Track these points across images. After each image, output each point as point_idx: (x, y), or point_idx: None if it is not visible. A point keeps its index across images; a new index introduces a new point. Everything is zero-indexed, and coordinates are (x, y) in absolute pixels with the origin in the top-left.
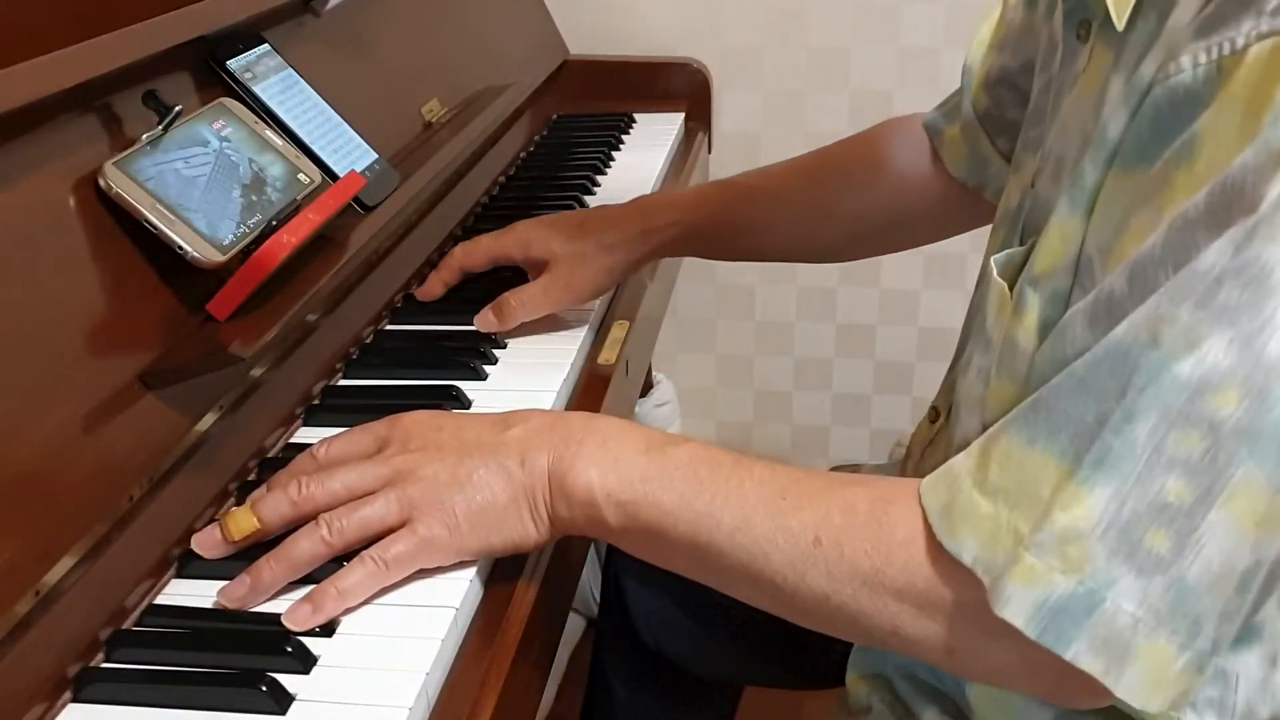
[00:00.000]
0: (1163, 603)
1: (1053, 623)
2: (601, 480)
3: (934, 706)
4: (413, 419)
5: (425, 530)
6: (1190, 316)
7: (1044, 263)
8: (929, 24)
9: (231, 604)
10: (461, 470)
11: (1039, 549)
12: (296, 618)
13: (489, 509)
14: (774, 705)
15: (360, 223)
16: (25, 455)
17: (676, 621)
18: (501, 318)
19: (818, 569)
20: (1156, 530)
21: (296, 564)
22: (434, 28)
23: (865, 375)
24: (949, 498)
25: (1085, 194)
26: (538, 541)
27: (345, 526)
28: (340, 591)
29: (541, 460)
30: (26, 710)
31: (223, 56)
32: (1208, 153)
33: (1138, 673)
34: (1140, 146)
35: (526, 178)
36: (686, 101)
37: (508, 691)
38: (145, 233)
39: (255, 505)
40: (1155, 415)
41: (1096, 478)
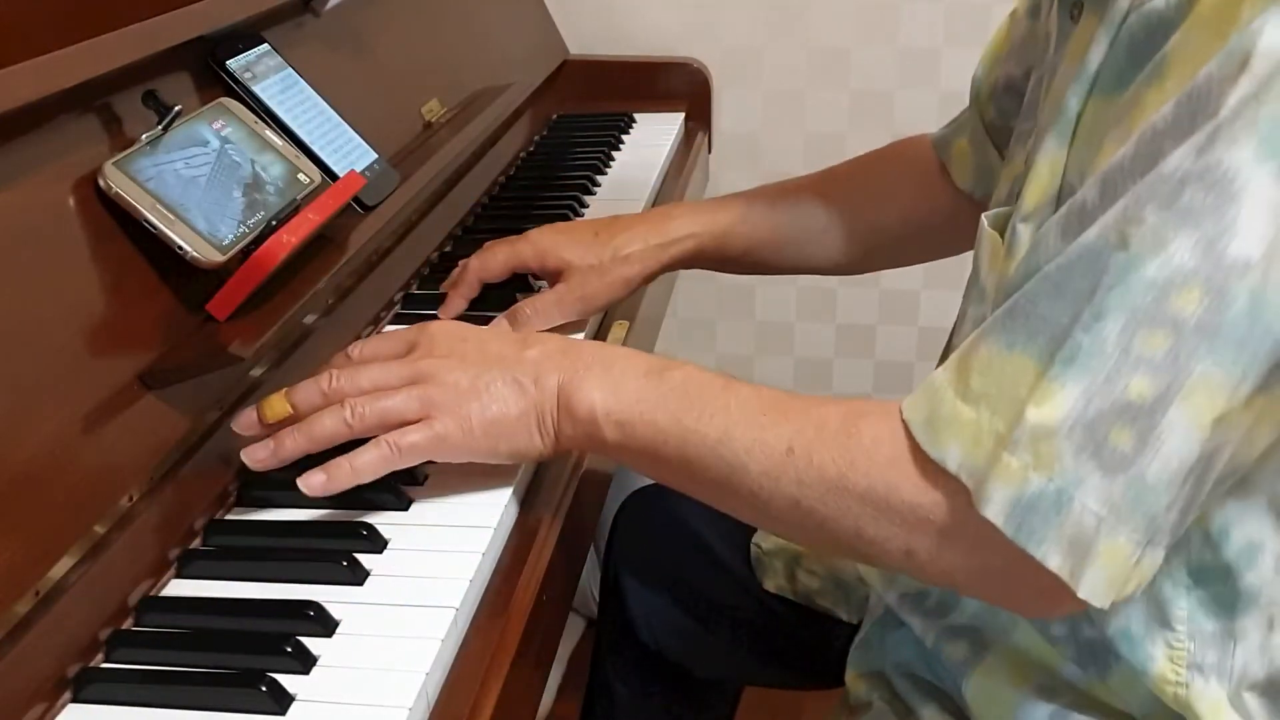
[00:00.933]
0: (1124, 501)
1: (1025, 521)
2: (603, 401)
3: (932, 703)
4: (440, 327)
5: (441, 428)
6: (1156, 218)
7: (1033, 199)
8: (929, 24)
9: (253, 464)
10: (481, 381)
11: (1014, 446)
12: (312, 483)
13: (501, 419)
14: (774, 705)
15: (360, 223)
16: (25, 455)
17: (675, 621)
18: (515, 326)
19: (789, 476)
20: (1121, 428)
21: (316, 438)
22: (434, 28)
23: (865, 375)
24: (931, 408)
25: (1069, 124)
26: (541, 454)
27: (366, 412)
28: (354, 468)
29: (553, 380)
30: (26, 710)
31: (223, 56)
32: (1176, 70)
33: (1098, 572)
34: (1117, 73)
35: (526, 178)
36: (686, 101)
37: (508, 691)
38: (145, 233)
39: (290, 392)
40: (1124, 315)
41: (1066, 375)
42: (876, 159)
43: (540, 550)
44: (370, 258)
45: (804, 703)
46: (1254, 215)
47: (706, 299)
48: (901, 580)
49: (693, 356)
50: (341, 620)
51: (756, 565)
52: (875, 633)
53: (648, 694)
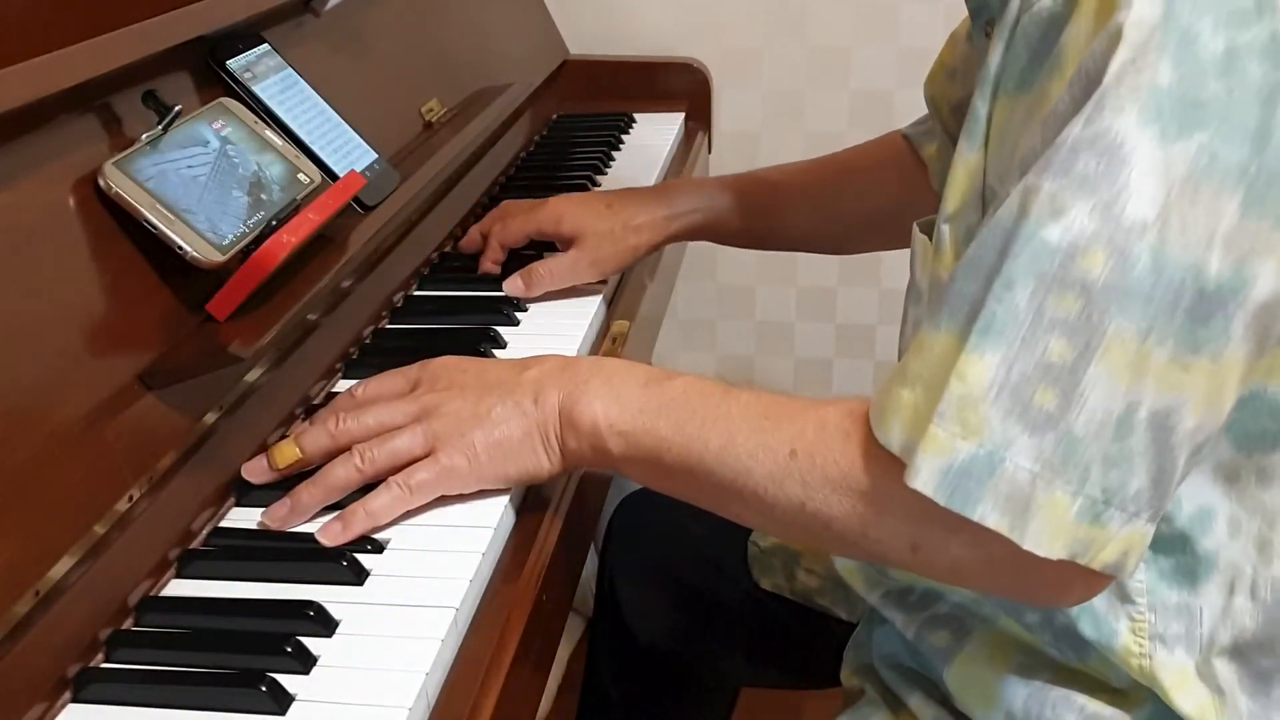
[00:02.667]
0: (1055, 456)
1: (959, 487)
2: (605, 413)
3: (918, 691)
4: (441, 362)
5: (447, 460)
6: (1053, 185)
7: (953, 201)
8: (929, 24)
9: (274, 523)
10: (482, 407)
11: (940, 418)
12: (329, 533)
13: (505, 442)
14: (773, 705)
15: (360, 223)
16: (25, 455)
17: (671, 622)
18: (529, 284)
19: (793, 478)
20: (1044, 389)
21: (332, 488)
22: (434, 28)
23: (865, 375)
24: (881, 397)
25: (979, 126)
26: (550, 471)
27: (376, 456)
28: (369, 512)
29: (553, 397)
30: (26, 710)
31: (223, 56)
32: (1070, 59)
33: (1039, 524)
34: (1019, 73)
35: (526, 178)
36: (686, 101)
37: (508, 691)
38: (145, 233)
39: (298, 438)
40: (1033, 280)
41: (985, 344)
42: (875, 147)
43: (540, 550)
44: (370, 258)
45: (803, 703)
46: (1144, 178)
47: (706, 299)
48: (882, 580)
49: (693, 356)
50: (341, 620)
51: (754, 564)
52: (864, 629)
53: (643, 695)
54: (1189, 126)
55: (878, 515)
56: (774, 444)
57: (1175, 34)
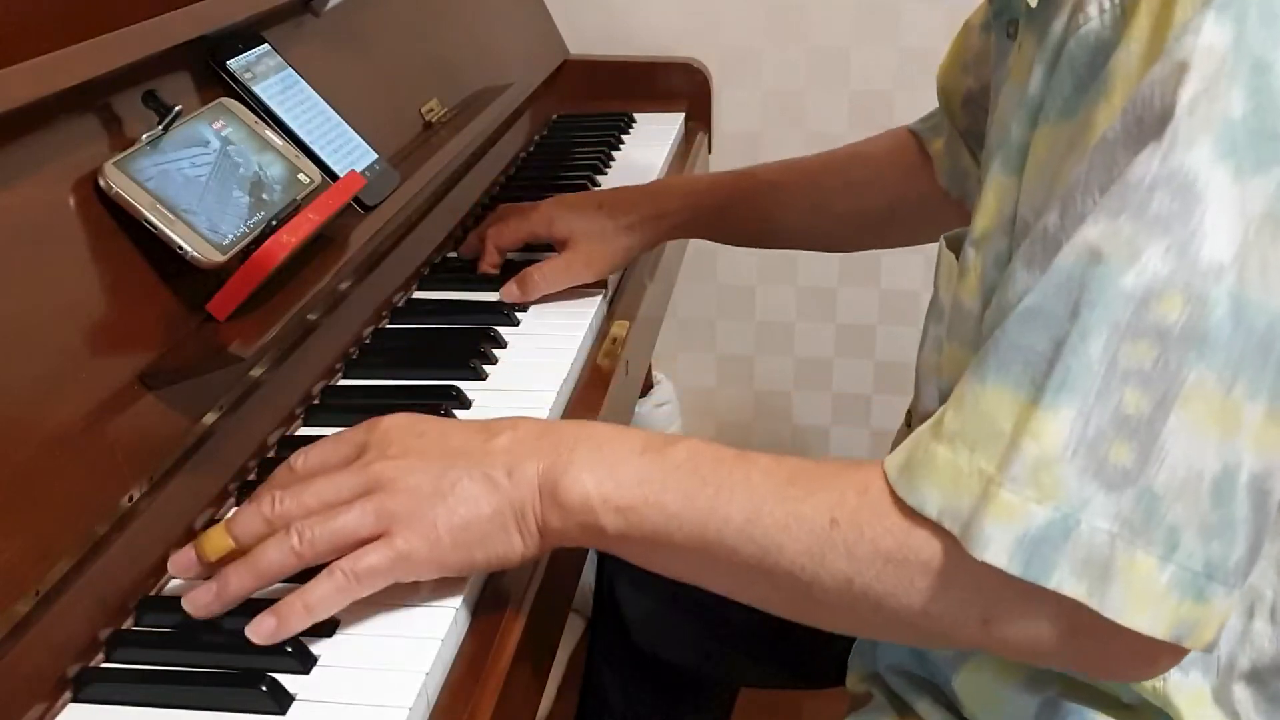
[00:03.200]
0: (1135, 515)
1: (1035, 555)
2: (598, 487)
3: (926, 697)
4: (393, 422)
5: (403, 544)
6: (1129, 228)
7: (983, 223)
8: (929, 24)
9: (196, 611)
10: (444, 481)
11: (1013, 483)
12: (260, 630)
13: (472, 523)
14: (772, 705)
15: (360, 223)
16: (25, 455)
17: (670, 623)
18: (525, 289)
19: (837, 552)
20: (1120, 444)
21: (263, 574)
22: (434, 28)
23: (865, 375)
24: (908, 454)
25: (1014, 152)
26: (524, 556)
27: (316, 537)
28: (307, 606)
29: (530, 470)
30: (26, 710)
31: (223, 56)
32: (1121, 84)
33: (1121, 589)
34: (1063, 100)
35: (526, 178)
36: (686, 101)
37: (508, 691)
38: (145, 233)
39: (229, 524)
40: (1107, 330)
41: (1059, 401)
42: (867, 144)
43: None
44: (370, 258)
45: (802, 702)
46: (1219, 216)
47: (706, 299)
48: None
49: (693, 356)
50: (341, 620)
51: None
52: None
53: (643, 696)
54: (1266, 160)
55: (941, 589)
56: (809, 514)
57: (1247, 62)
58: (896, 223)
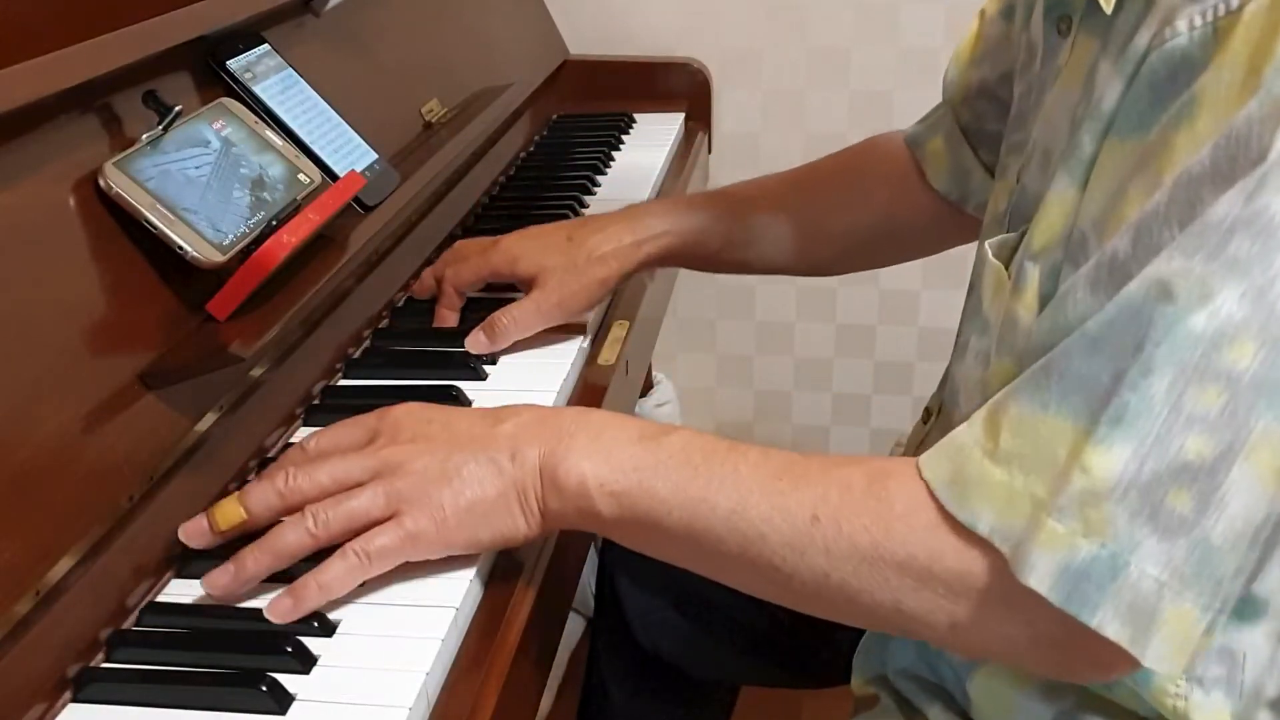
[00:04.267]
0: (1187, 566)
1: (1076, 589)
2: (594, 471)
3: (937, 703)
4: (404, 410)
5: (411, 524)
6: (1203, 269)
7: (1042, 238)
8: (929, 24)
9: (215, 592)
10: (450, 464)
11: (1060, 513)
12: (278, 610)
13: (478, 503)
14: (772, 705)
15: (360, 223)
16: (25, 455)
17: (672, 621)
18: (493, 338)
19: (816, 547)
20: (1178, 491)
21: (280, 554)
22: (434, 28)
23: (865, 375)
24: (956, 468)
25: (1082, 165)
26: (527, 536)
27: (330, 518)
28: (321, 585)
29: (532, 454)
30: (26, 710)
31: (223, 56)
32: (1208, 112)
33: (1164, 639)
34: (1137, 115)
35: (526, 178)
36: (686, 101)
37: (508, 691)
38: (145, 233)
39: (243, 496)
40: (1172, 371)
41: (1114, 436)
42: (854, 156)
43: (540, 550)
44: (370, 258)
45: (802, 702)
46: None
47: (706, 299)
48: None
49: (693, 356)
50: (341, 620)
51: None
52: (876, 638)
53: (644, 695)
54: None
55: (914, 589)
56: (793, 508)
57: None
58: (887, 239)
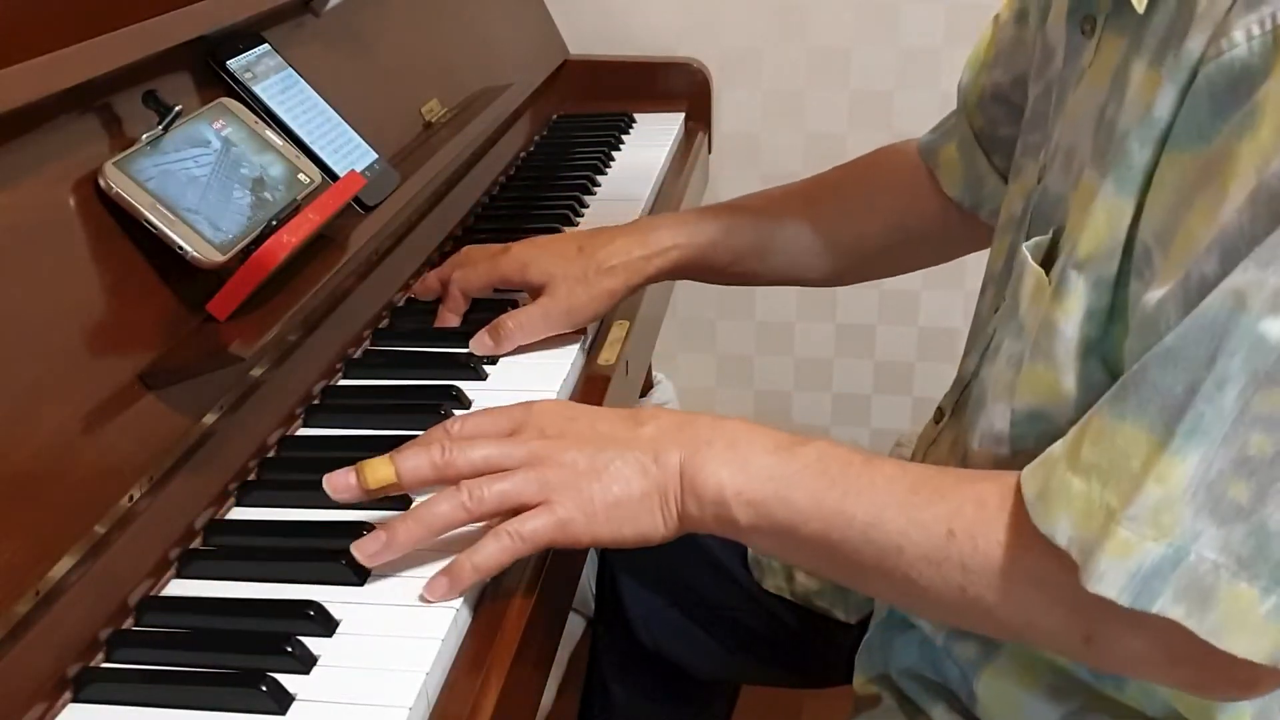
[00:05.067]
0: (1244, 549)
1: (1144, 589)
2: (731, 480)
3: (941, 702)
4: (547, 407)
5: (564, 512)
6: (1277, 279)
7: (1088, 246)
8: (929, 24)
9: (365, 559)
10: (599, 461)
11: (1132, 522)
12: (435, 590)
13: (624, 501)
14: (773, 705)
15: (360, 223)
16: (25, 455)
17: (672, 621)
18: (498, 341)
19: (952, 561)
20: (1238, 482)
21: (433, 525)
22: (434, 28)
23: (865, 375)
24: (1044, 481)
25: (1135, 174)
26: (665, 537)
27: (486, 495)
28: (475, 566)
29: (674, 459)
30: (26, 710)
31: (223, 56)
32: (1271, 121)
33: (1220, 616)
34: (1197, 127)
35: (526, 178)
36: (686, 101)
37: (508, 691)
38: (145, 233)
39: (396, 459)
40: (1244, 378)
41: (1188, 447)
42: (863, 167)
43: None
44: (370, 258)
45: (803, 702)
46: None
47: (706, 299)
48: None
49: (693, 356)
50: (341, 620)
51: (754, 565)
52: (879, 636)
53: (645, 694)
54: None
55: (1047, 606)
56: (928, 522)
57: None
58: (899, 248)
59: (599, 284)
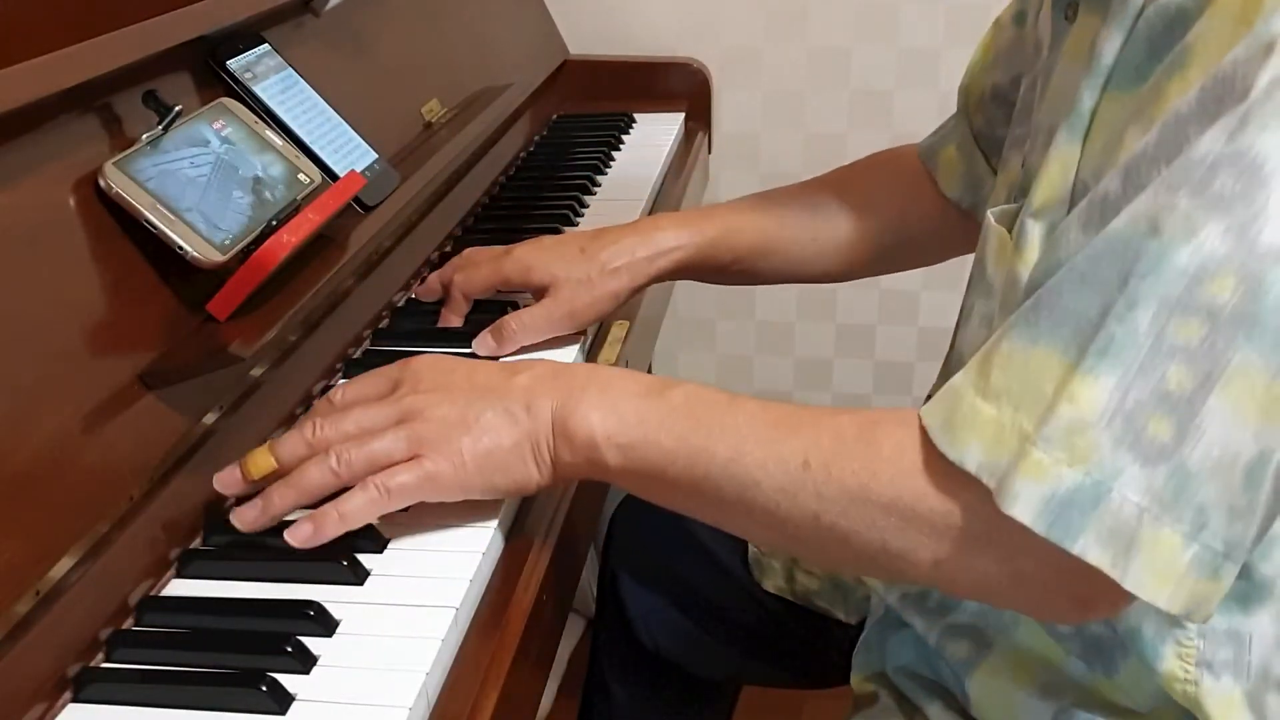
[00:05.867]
0: (1166, 491)
1: (1060, 516)
2: (602, 424)
3: (937, 700)
4: (424, 361)
5: (431, 465)
6: (1187, 204)
7: (1044, 195)
8: (929, 24)
9: (243, 526)
10: (470, 412)
11: (1045, 443)
12: (299, 534)
13: (495, 451)
14: (773, 705)
15: (360, 223)
16: (25, 455)
17: (673, 621)
18: (501, 342)
19: (807, 491)
20: (1159, 418)
21: (304, 490)
22: (434, 28)
23: (865, 375)
24: (949, 410)
25: (1082, 119)
26: (539, 484)
27: (353, 459)
28: (341, 515)
29: (546, 406)
30: (26, 710)
31: (223, 56)
32: (1199, 59)
33: (1144, 564)
34: (1134, 68)
35: (526, 178)
36: (686, 101)
37: (508, 691)
38: (145, 233)
39: (273, 446)
40: (1156, 303)
41: (1100, 367)
42: (865, 168)
43: (540, 549)
44: (370, 258)
45: (803, 702)
46: None
47: (706, 299)
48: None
49: (693, 356)
50: (341, 620)
51: (754, 566)
52: (876, 635)
53: (645, 694)
54: None
55: (900, 529)
56: (786, 455)
57: None
58: (897, 248)
59: (602, 285)
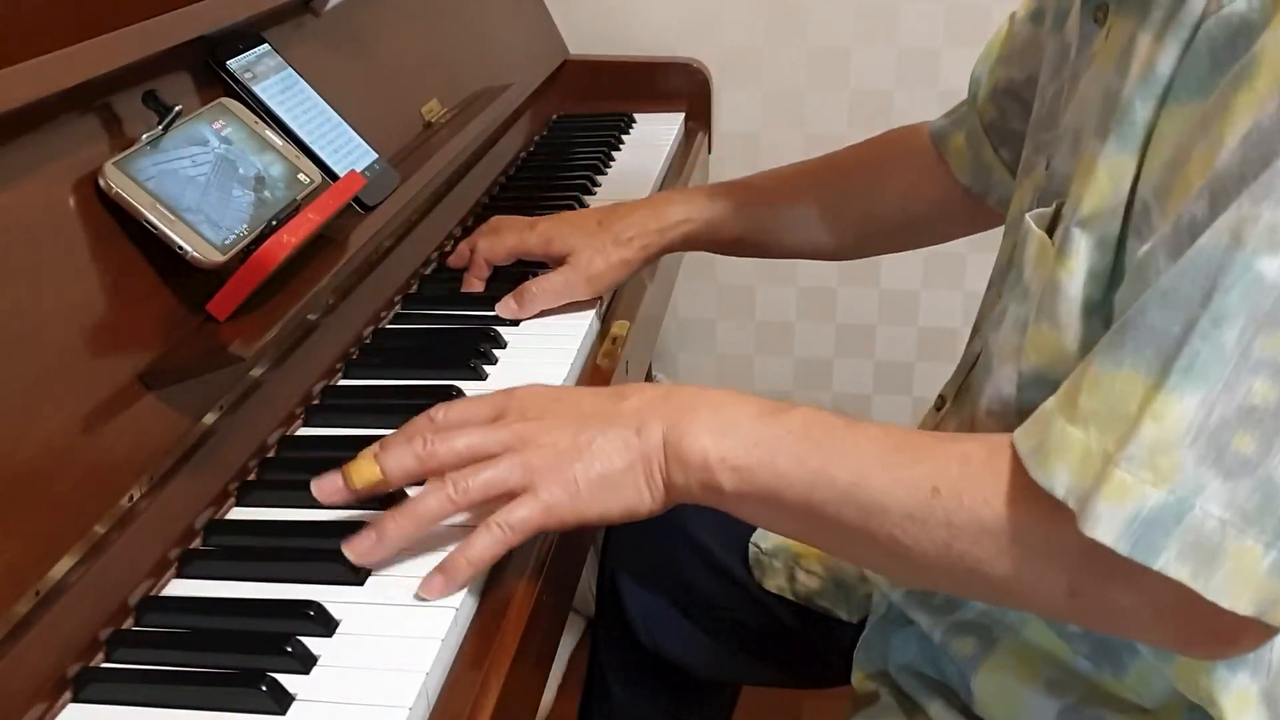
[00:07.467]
0: (1250, 503)
1: (1144, 536)
2: (715, 446)
3: (939, 699)
4: (529, 390)
5: (547, 495)
6: (1272, 215)
7: (1091, 204)
8: (929, 24)
9: (359, 559)
10: (581, 438)
11: (1129, 462)
12: (431, 588)
13: (608, 476)
14: (773, 705)
15: (360, 223)
16: (25, 455)
17: (673, 621)
18: (522, 304)
19: (937, 518)
20: (1243, 433)
21: (422, 520)
22: (434, 28)
23: (865, 375)
24: (1040, 435)
25: (1136, 130)
26: (651, 509)
27: (470, 486)
28: (469, 560)
29: (657, 429)
30: (26, 710)
31: (223, 56)
32: (1268, 69)
33: (1226, 574)
34: (1197, 80)
35: (526, 178)
36: (686, 101)
37: (508, 691)
38: (145, 233)
39: (379, 457)
40: (1243, 318)
41: (1185, 385)
42: (875, 147)
43: (540, 550)
44: (370, 258)
45: (803, 702)
46: None
47: (706, 299)
48: None
49: (693, 356)
50: (341, 620)
51: (755, 565)
52: (878, 633)
53: (646, 694)
54: None
55: (1032, 560)
56: (912, 481)
57: None
58: (905, 227)
59: (617, 254)
